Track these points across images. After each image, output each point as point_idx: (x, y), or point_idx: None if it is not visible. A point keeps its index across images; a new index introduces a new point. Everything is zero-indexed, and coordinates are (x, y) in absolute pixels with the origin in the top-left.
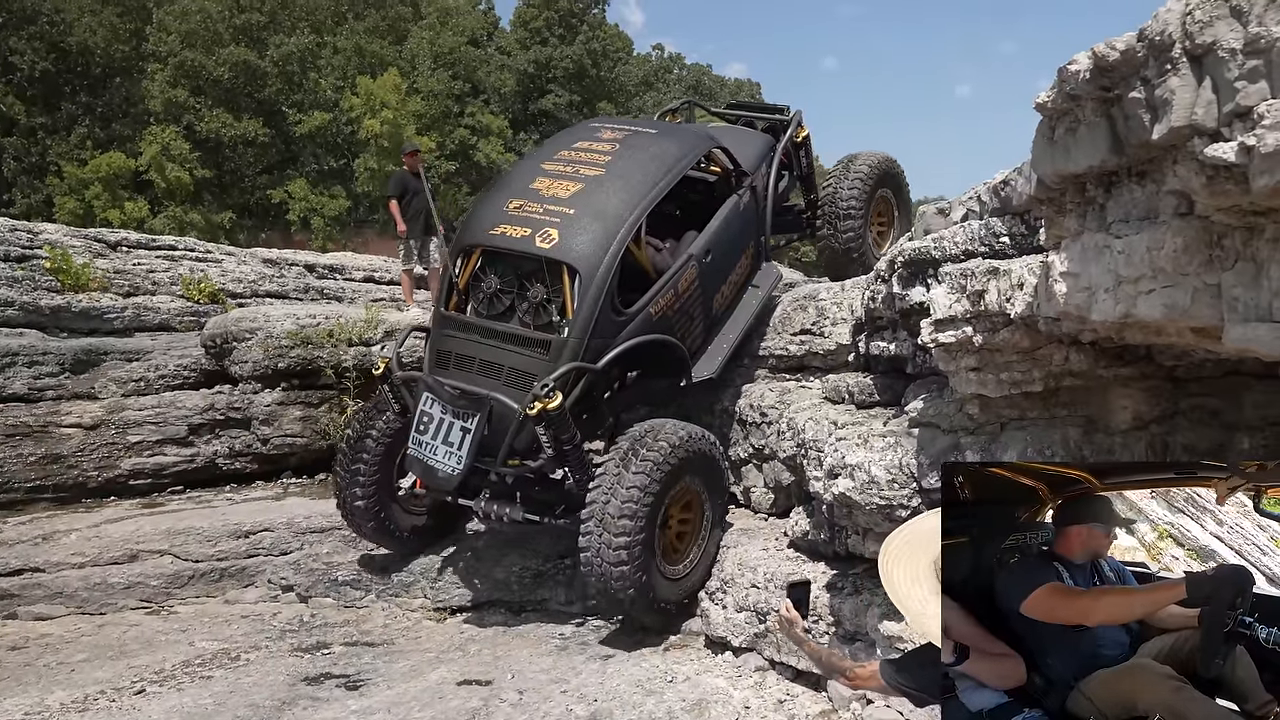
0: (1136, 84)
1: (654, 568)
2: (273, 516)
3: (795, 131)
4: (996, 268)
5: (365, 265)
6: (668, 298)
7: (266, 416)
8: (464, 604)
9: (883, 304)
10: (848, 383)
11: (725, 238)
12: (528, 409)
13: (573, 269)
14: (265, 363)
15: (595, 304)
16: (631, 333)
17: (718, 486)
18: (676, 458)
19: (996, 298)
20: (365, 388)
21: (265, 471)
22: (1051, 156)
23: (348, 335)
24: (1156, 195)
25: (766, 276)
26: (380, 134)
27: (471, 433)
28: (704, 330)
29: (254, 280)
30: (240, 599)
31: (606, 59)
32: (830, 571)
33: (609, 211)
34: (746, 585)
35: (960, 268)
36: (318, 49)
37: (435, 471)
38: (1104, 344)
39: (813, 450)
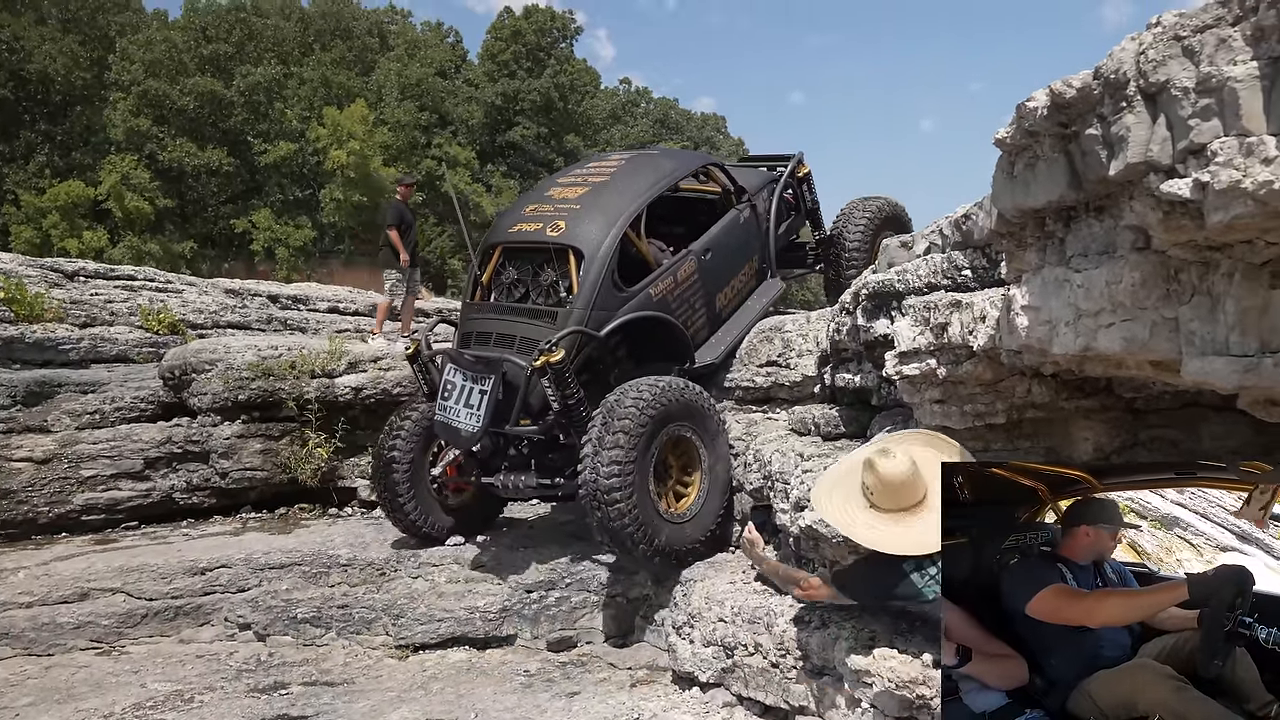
0: (1093, 121)
1: (650, 503)
2: (230, 552)
3: (796, 168)
4: (959, 300)
5: (329, 296)
6: (667, 282)
7: (226, 449)
8: (427, 641)
9: (848, 336)
10: (814, 414)
11: (725, 243)
12: (533, 363)
13: (577, 251)
14: (225, 395)
15: (597, 279)
16: (632, 308)
17: (709, 429)
18: (660, 402)
19: (959, 330)
20: (327, 420)
21: (224, 506)
22: (1011, 191)
23: (310, 367)
24: (1114, 230)
25: (770, 289)
26: (347, 165)
27: (488, 394)
28: (707, 324)
29: (215, 311)
30: (195, 638)
31: (574, 92)
32: (796, 605)
33: (610, 206)
34: (714, 620)
35: (924, 300)
36: (284, 79)
37: (459, 432)
38: (1065, 376)
39: (779, 482)
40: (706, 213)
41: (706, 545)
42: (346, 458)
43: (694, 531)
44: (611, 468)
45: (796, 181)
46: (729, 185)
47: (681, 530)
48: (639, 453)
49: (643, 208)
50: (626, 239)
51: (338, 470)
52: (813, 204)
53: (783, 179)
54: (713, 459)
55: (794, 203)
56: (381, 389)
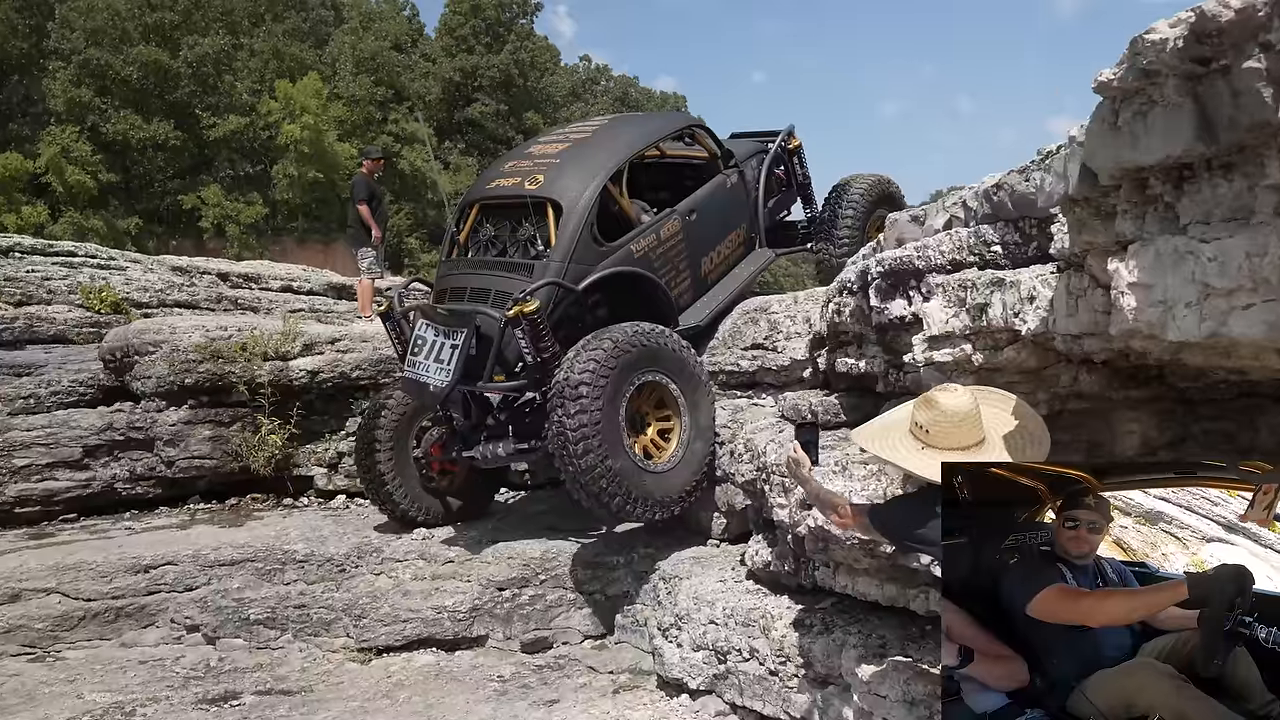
0: (1254, 51)
1: (625, 454)
2: (177, 548)
3: (787, 140)
4: (1002, 279)
5: (283, 275)
6: (649, 240)
7: (172, 437)
8: (392, 643)
9: (851, 318)
10: (810, 401)
11: (711, 206)
12: (506, 313)
13: (556, 204)
14: (170, 378)
15: (575, 233)
16: (612, 264)
17: (687, 375)
18: (625, 347)
19: (1001, 312)
20: (281, 405)
21: (170, 497)
22: (1115, 146)
23: (263, 349)
24: (1249, 191)
25: (759, 257)
26: (300, 139)
27: (459, 348)
28: (691, 287)
29: (161, 289)
30: (138, 642)
31: (534, 69)
32: (795, 606)
33: (591, 160)
34: (704, 622)
35: (958, 279)
36: (234, 50)
37: (427, 387)
38: (1117, 364)
39: (776, 475)
40: (693, 178)
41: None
42: (302, 445)
43: (681, 480)
44: (578, 417)
45: (787, 154)
46: (716, 149)
47: (666, 480)
48: (605, 400)
49: (624, 163)
50: (607, 194)
51: (293, 458)
52: (804, 178)
53: (773, 149)
54: (691, 405)
55: (785, 179)
56: (340, 372)
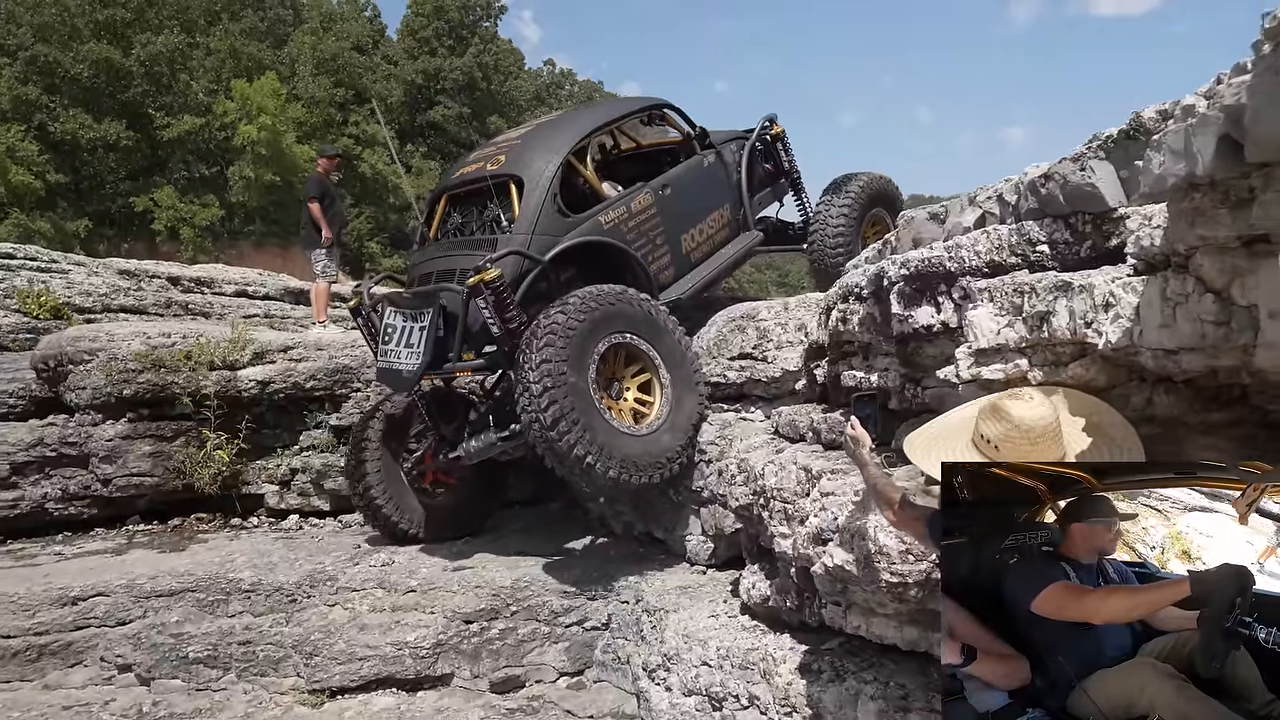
0: None
1: (601, 419)
2: (109, 577)
3: (770, 126)
4: (1068, 282)
5: (237, 279)
6: (619, 212)
7: (109, 453)
8: (346, 684)
9: (861, 326)
10: (811, 418)
11: (687, 184)
12: (466, 282)
13: (518, 179)
14: (107, 389)
15: (539, 204)
16: (580, 235)
17: (659, 334)
18: (588, 307)
19: (1068, 321)
20: (229, 417)
21: (106, 517)
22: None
23: (209, 357)
24: None
25: (745, 239)
26: (257, 141)
27: (427, 329)
28: (672, 264)
29: (106, 294)
30: (63, 683)
31: (498, 72)
32: (799, 647)
33: (552, 136)
34: (696, 663)
35: (1012, 283)
36: (189, 49)
37: (400, 374)
38: (1202, 383)
39: (778, 501)
40: (671, 164)
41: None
42: (252, 461)
43: (671, 440)
44: (544, 381)
45: (771, 141)
46: (688, 130)
47: (655, 442)
48: (572, 361)
49: (586, 137)
50: (571, 169)
51: (241, 475)
52: (791, 166)
53: (754, 134)
54: (670, 365)
55: (774, 170)
56: (293, 382)
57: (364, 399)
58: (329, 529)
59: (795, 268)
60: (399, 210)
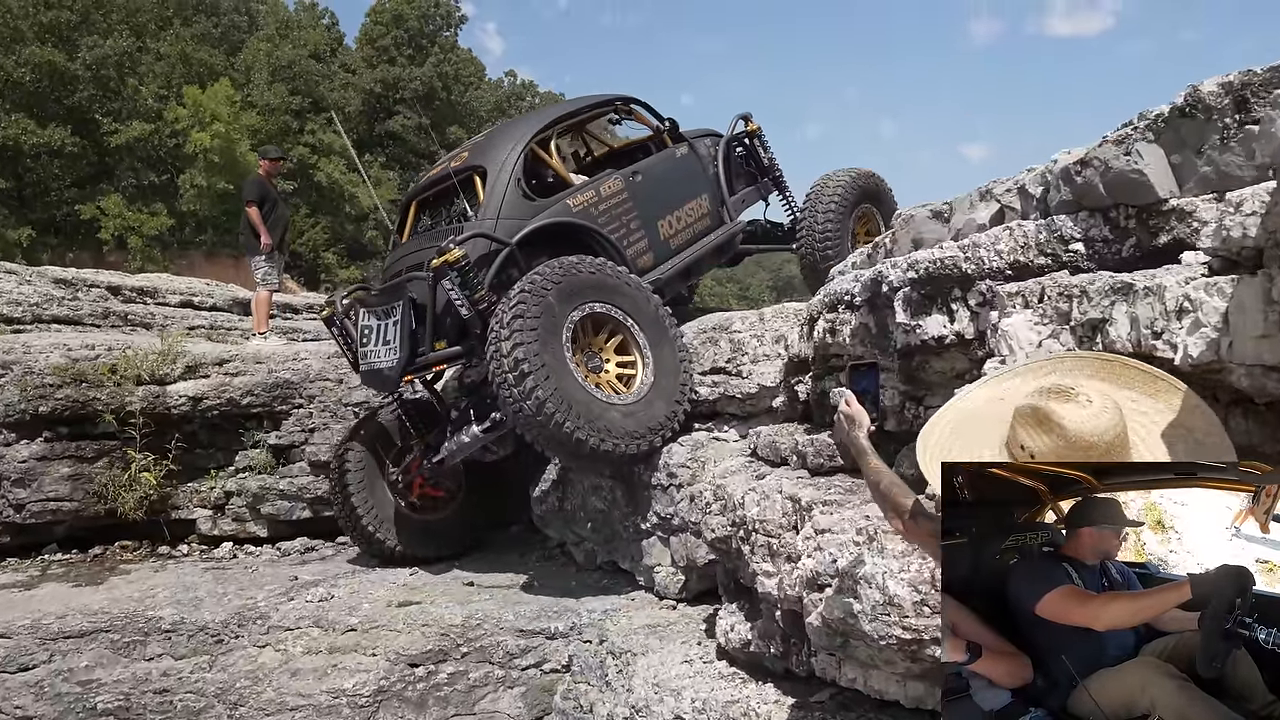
0: None
1: (581, 390)
2: (12, 616)
3: (745, 125)
4: (1129, 284)
5: (183, 289)
6: (588, 195)
7: (22, 475)
8: None
9: (854, 338)
10: (795, 439)
11: (659, 172)
12: (430, 265)
13: (481, 169)
14: (22, 405)
15: (503, 189)
16: (549, 216)
17: (633, 300)
18: (556, 278)
19: (1130, 331)
20: (157, 437)
21: (19, 546)
22: None
23: (136, 371)
24: None
25: (728, 228)
26: (210, 148)
27: (400, 322)
28: (649, 249)
29: (37, 303)
30: None
31: (458, 83)
32: (785, 700)
33: (513, 130)
34: (668, 716)
35: (1054, 285)
36: (138, 53)
37: (381, 373)
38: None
39: (760, 535)
40: (643, 159)
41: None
42: (182, 483)
43: (661, 407)
44: (516, 351)
45: (747, 137)
46: (658, 123)
47: (648, 409)
48: (543, 329)
49: (550, 127)
50: (537, 158)
51: (170, 499)
52: (771, 162)
53: (729, 129)
54: (651, 334)
55: (756, 168)
56: (227, 398)
57: (305, 416)
58: (265, 558)
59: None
60: (355, 220)
